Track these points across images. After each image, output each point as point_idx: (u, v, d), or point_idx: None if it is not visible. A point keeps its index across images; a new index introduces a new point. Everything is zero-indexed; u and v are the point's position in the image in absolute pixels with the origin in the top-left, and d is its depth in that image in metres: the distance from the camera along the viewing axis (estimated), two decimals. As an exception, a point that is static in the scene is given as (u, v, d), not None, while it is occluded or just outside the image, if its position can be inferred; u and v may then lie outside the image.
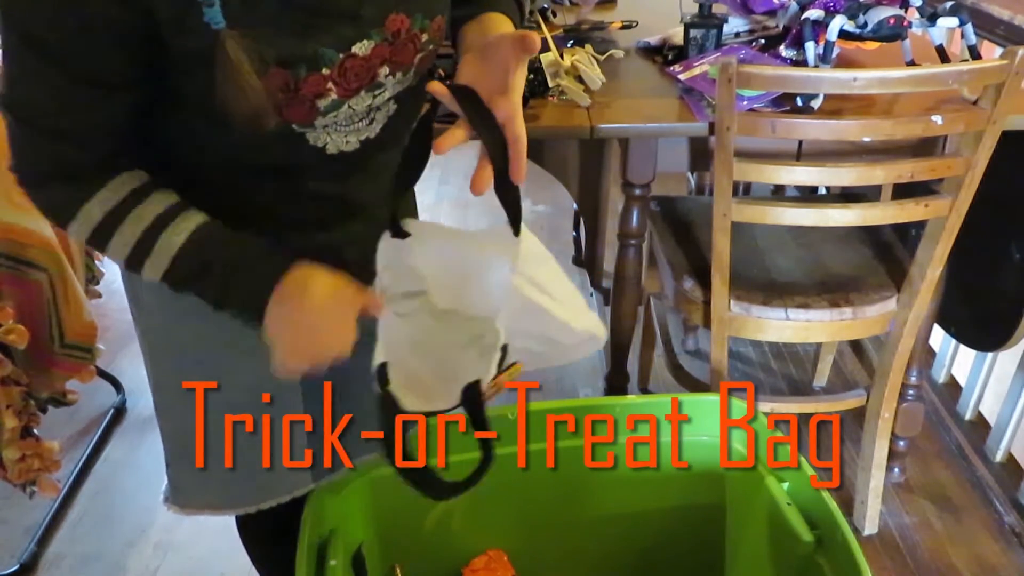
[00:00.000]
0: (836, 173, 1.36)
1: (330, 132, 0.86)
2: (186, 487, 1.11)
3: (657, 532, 1.41)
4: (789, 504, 1.18)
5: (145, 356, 1.08)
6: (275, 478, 1.08)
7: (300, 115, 0.81)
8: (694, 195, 2.59)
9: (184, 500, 1.11)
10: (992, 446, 1.96)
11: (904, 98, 1.54)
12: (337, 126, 0.86)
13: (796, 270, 1.64)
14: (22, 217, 1.40)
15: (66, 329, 1.52)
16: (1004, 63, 1.26)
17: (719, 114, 1.32)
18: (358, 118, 0.87)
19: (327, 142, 0.86)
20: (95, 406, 2.09)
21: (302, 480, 1.10)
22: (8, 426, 1.40)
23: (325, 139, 0.86)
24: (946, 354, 2.19)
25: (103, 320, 1.73)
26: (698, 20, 1.63)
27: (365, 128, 0.89)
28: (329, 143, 0.87)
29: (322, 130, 0.85)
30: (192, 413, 1.03)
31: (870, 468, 1.72)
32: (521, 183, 0.81)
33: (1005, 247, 1.71)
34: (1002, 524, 1.81)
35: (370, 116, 0.89)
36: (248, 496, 1.09)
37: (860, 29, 1.49)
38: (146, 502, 1.86)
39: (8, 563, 1.68)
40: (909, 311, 1.54)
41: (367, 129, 0.89)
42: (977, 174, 1.38)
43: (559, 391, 2.20)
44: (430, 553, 1.35)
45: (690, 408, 1.33)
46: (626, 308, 1.74)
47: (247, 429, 1.04)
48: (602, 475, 1.35)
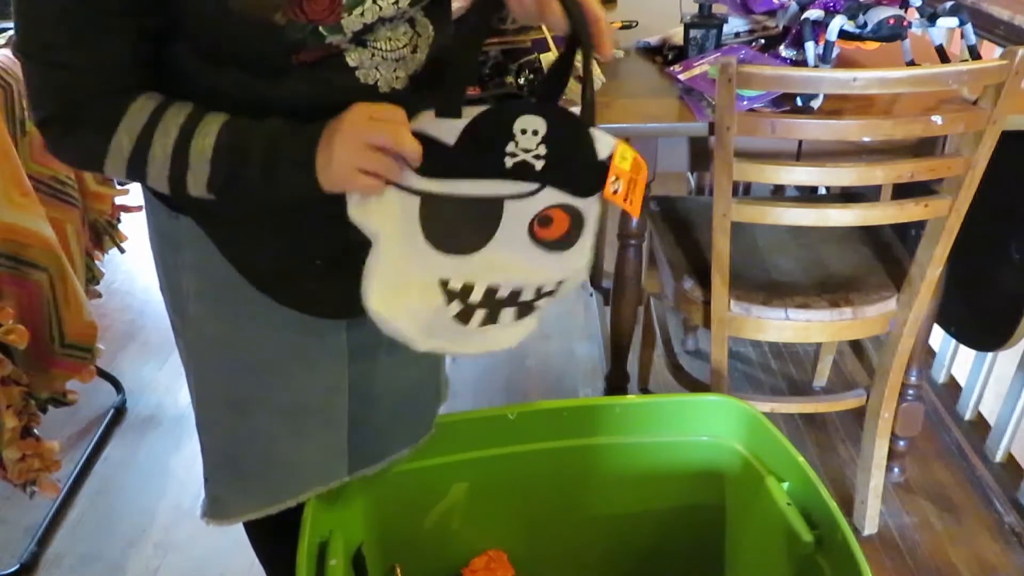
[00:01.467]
0: (836, 173, 1.36)
1: (378, 64, 0.85)
2: (227, 496, 1.10)
3: (657, 532, 1.41)
4: (789, 504, 1.18)
5: (189, 370, 1.06)
6: (313, 470, 1.10)
7: (322, 9, 0.78)
8: (694, 195, 2.59)
9: (225, 511, 1.10)
10: (992, 446, 1.96)
11: (904, 98, 1.54)
12: (382, 53, 0.85)
13: (796, 270, 1.64)
14: (22, 217, 1.40)
15: (66, 329, 1.53)
16: (1004, 63, 1.26)
17: (719, 114, 1.32)
18: (400, 44, 0.86)
19: (377, 78, 0.85)
20: (95, 406, 2.09)
21: (338, 471, 1.11)
22: (8, 426, 1.40)
23: (375, 75, 0.85)
24: (946, 354, 2.19)
25: (103, 320, 1.73)
26: (698, 20, 1.63)
27: (411, 58, 0.88)
28: (380, 79, 0.86)
29: (369, 60, 0.84)
30: (243, 422, 1.04)
31: (870, 468, 1.72)
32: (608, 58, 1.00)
33: (1005, 247, 1.71)
34: (1002, 524, 1.81)
35: (412, 43, 0.88)
36: (288, 489, 1.09)
37: (860, 29, 1.49)
38: (146, 502, 1.86)
39: (8, 563, 1.68)
40: (909, 311, 1.54)
41: (413, 60, 0.88)
42: (977, 174, 1.38)
43: (559, 391, 2.20)
44: (430, 553, 1.36)
45: (690, 408, 1.33)
46: (626, 308, 1.74)
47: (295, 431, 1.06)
48: (602, 475, 1.35)
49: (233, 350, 1.01)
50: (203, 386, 1.06)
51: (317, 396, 1.05)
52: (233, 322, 0.98)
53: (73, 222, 1.62)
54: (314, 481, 1.10)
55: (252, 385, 1.02)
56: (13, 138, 1.42)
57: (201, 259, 0.95)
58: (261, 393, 1.03)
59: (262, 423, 1.04)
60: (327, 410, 1.07)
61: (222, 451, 1.08)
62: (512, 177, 0.84)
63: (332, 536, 1.11)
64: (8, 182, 1.37)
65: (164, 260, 1.00)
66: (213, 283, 0.96)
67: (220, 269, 0.95)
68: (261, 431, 1.05)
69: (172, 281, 1.00)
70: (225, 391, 1.04)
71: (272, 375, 1.02)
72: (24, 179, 1.41)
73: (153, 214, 0.99)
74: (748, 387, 2.21)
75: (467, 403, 2.13)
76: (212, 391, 1.05)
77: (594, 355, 2.35)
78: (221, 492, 1.10)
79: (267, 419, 1.04)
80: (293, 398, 1.04)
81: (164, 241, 0.99)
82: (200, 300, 0.98)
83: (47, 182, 1.55)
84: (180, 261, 0.97)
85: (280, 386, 1.02)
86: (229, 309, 0.97)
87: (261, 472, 1.08)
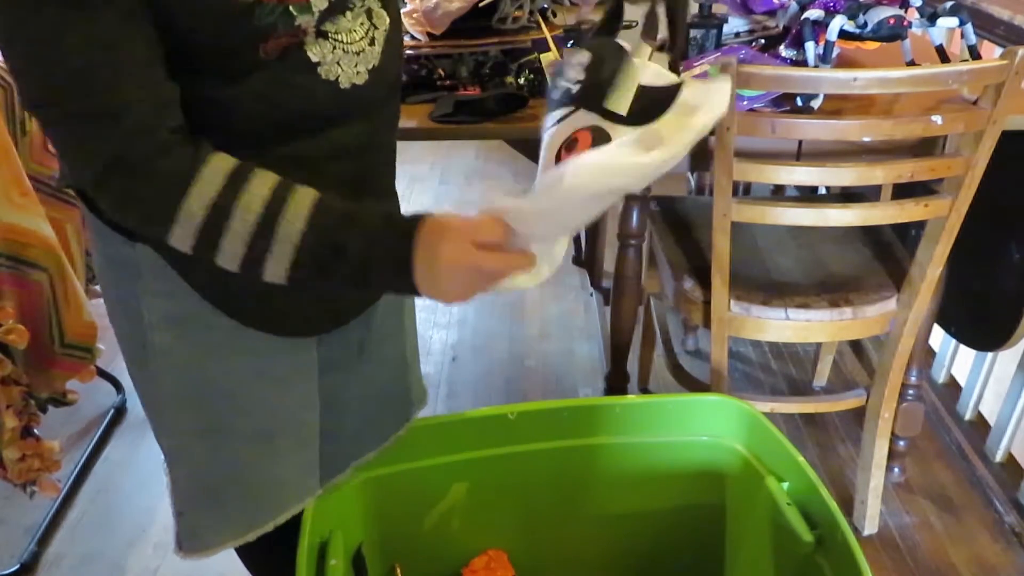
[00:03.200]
0: (836, 173, 1.36)
1: (339, 59, 0.83)
2: (205, 528, 1.07)
3: (657, 532, 1.41)
4: (789, 504, 1.18)
5: (155, 403, 1.02)
6: (290, 490, 1.08)
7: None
8: (694, 195, 2.59)
9: (204, 542, 1.06)
10: (992, 446, 1.96)
11: (904, 98, 1.54)
12: (343, 45, 0.84)
13: (796, 270, 1.64)
14: (22, 217, 1.40)
15: (66, 329, 1.52)
16: (1004, 63, 1.26)
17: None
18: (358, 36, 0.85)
19: (339, 73, 0.84)
20: (95, 406, 2.09)
21: (312, 487, 1.10)
22: (8, 426, 1.40)
23: (337, 70, 0.83)
24: (946, 354, 2.19)
25: (103, 320, 1.72)
26: (698, 20, 1.63)
27: (369, 51, 0.87)
28: (341, 75, 0.84)
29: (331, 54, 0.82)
30: (217, 450, 1.01)
31: (870, 468, 1.72)
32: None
33: (1005, 247, 1.71)
34: (1002, 524, 1.81)
35: (370, 35, 0.87)
36: (265, 514, 1.06)
37: (860, 29, 1.49)
38: (146, 502, 1.86)
39: (8, 563, 1.68)
40: (909, 311, 1.54)
41: (371, 53, 0.87)
42: (977, 174, 1.38)
43: (559, 391, 2.20)
44: (430, 553, 1.35)
45: (690, 408, 1.33)
46: (626, 308, 1.74)
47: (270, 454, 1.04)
48: (602, 475, 1.35)
49: (202, 377, 0.97)
50: (172, 418, 1.01)
51: (289, 416, 1.03)
52: (202, 347, 0.95)
53: (73, 222, 1.62)
54: (291, 501, 1.07)
55: (224, 411, 0.99)
56: (13, 138, 1.42)
57: (164, 287, 0.91)
58: (233, 419, 1.00)
59: (236, 449, 1.01)
60: (299, 429, 1.05)
61: (197, 482, 1.04)
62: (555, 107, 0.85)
63: (332, 536, 1.11)
64: (8, 182, 1.37)
65: (119, 288, 0.95)
66: (178, 309, 0.92)
67: (184, 296, 0.91)
68: (235, 457, 1.02)
69: (130, 310, 0.94)
70: (196, 420, 0.99)
71: (243, 399, 0.99)
72: (24, 179, 1.41)
73: (102, 240, 0.93)
74: (748, 387, 2.21)
75: (467, 403, 2.13)
76: (182, 421, 1.00)
77: (594, 355, 2.35)
78: (198, 524, 1.06)
79: (240, 444, 1.01)
80: (265, 421, 1.01)
81: (119, 268, 0.93)
82: (166, 328, 0.93)
83: (47, 182, 1.55)
84: (140, 288, 0.92)
85: (252, 409, 1.00)
86: (197, 335, 0.94)
87: (238, 499, 1.05)
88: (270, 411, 1.01)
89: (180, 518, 1.07)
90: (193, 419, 1.00)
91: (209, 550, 1.06)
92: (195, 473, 1.04)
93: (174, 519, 1.08)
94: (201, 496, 1.06)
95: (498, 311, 2.56)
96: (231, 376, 0.98)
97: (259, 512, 1.06)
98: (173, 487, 1.06)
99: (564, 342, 2.41)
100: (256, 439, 1.02)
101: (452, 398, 2.15)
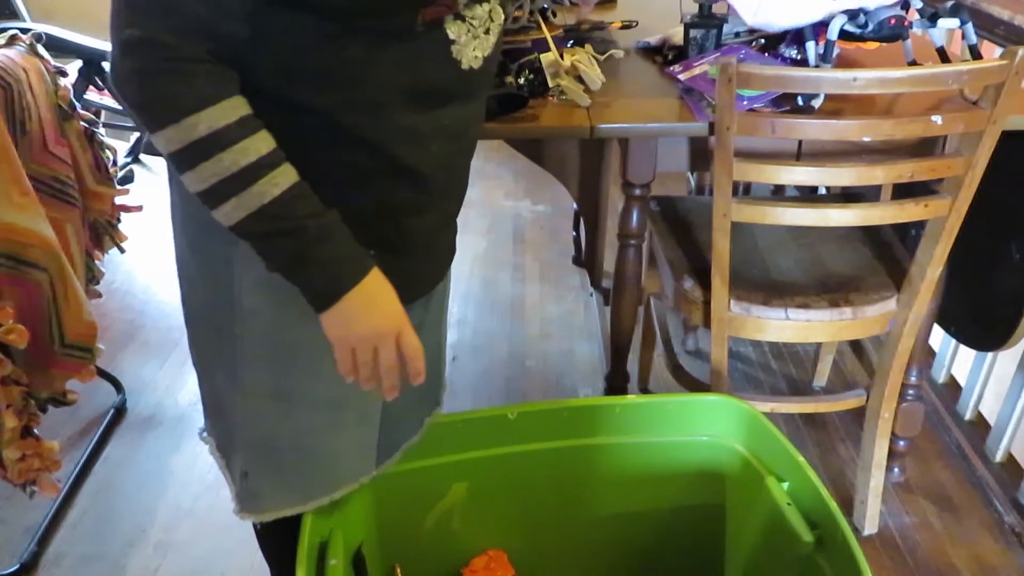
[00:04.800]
0: (836, 173, 1.36)
1: (468, 41, 0.90)
2: (266, 492, 1.10)
3: (657, 532, 1.41)
4: (789, 504, 1.18)
5: (235, 363, 1.03)
6: (347, 466, 1.11)
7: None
8: (694, 195, 2.59)
9: (260, 506, 1.10)
10: (992, 446, 1.96)
11: (904, 98, 1.54)
12: (474, 30, 0.91)
13: (796, 270, 1.64)
14: (22, 217, 1.40)
15: (66, 329, 1.52)
16: (1004, 63, 1.26)
17: (719, 114, 1.32)
18: (483, 23, 0.92)
19: (463, 54, 0.90)
20: (95, 406, 2.09)
21: (367, 467, 1.13)
22: (8, 426, 1.40)
23: (463, 51, 0.90)
24: (946, 354, 2.19)
25: (103, 320, 1.73)
26: (698, 20, 1.63)
27: (485, 40, 0.93)
28: (464, 57, 0.90)
29: (464, 35, 0.89)
30: (287, 415, 1.04)
31: (870, 468, 1.72)
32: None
33: (1005, 247, 1.71)
34: (1002, 524, 1.81)
35: (486, 25, 0.93)
36: (323, 486, 1.10)
37: (861, 29, 1.49)
38: (146, 502, 1.86)
39: (8, 563, 1.68)
40: (909, 311, 1.54)
41: (487, 41, 0.93)
42: (977, 174, 1.38)
43: (559, 391, 2.20)
44: (430, 553, 1.36)
45: (690, 408, 1.33)
46: (626, 308, 1.74)
47: (334, 425, 1.07)
48: (602, 475, 1.35)
49: (285, 341, 1.00)
50: (254, 380, 1.04)
51: (357, 389, 1.04)
52: (289, 311, 0.97)
53: (73, 222, 1.62)
54: (347, 477, 1.11)
55: (299, 376, 1.02)
56: (13, 138, 1.42)
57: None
58: (306, 385, 1.03)
59: (304, 416, 1.05)
60: (365, 404, 1.08)
61: (265, 445, 1.07)
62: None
63: (332, 536, 1.11)
64: (8, 182, 1.37)
65: (211, 251, 0.99)
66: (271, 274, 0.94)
67: None
68: (302, 424, 1.05)
69: (220, 273, 0.98)
70: (274, 383, 1.03)
71: (320, 365, 1.01)
72: (24, 179, 1.41)
73: (191, 203, 0.95)
74: (748, 387, 2.21)
75: (467, 403, 2.13)
76: (260, 384, 1.03)
77: (594, 355, 2.35)
78: (260, 486, 1.10)
79: (309, 412, 1.05)
80: (336, 391, 1.03)
81: (211, 232, 0.94)
82: (257, 291, 0.97)
83: (47, 182, 1.55)
84: (233, 253, 0.95)
85: (326, 377, 1.01)
86: (286, 299, 0.95)
87: (299, 467, 1.08)
88: (338, 381, 1.02)
89: (244, 479, 1.10)
90: (270, 382, 1.03)
91: (266, 513, 1.10)
92: (264, 435, 1.07)
93: (238, 479, 1.11)
94: (266, 459, 1.08)
95: (498, 311, 2.56)
96: (313, 341, 0.99)
97: (316, 483, 1.09)
98: (243, 448, 1.09)
99: (564, 342, 2.41)
100: (325, 407, 1.05)
101: (452, 398, 2.15)
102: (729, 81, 1.27)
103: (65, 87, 1.62)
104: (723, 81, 1.28)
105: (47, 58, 1.61)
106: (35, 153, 1.52)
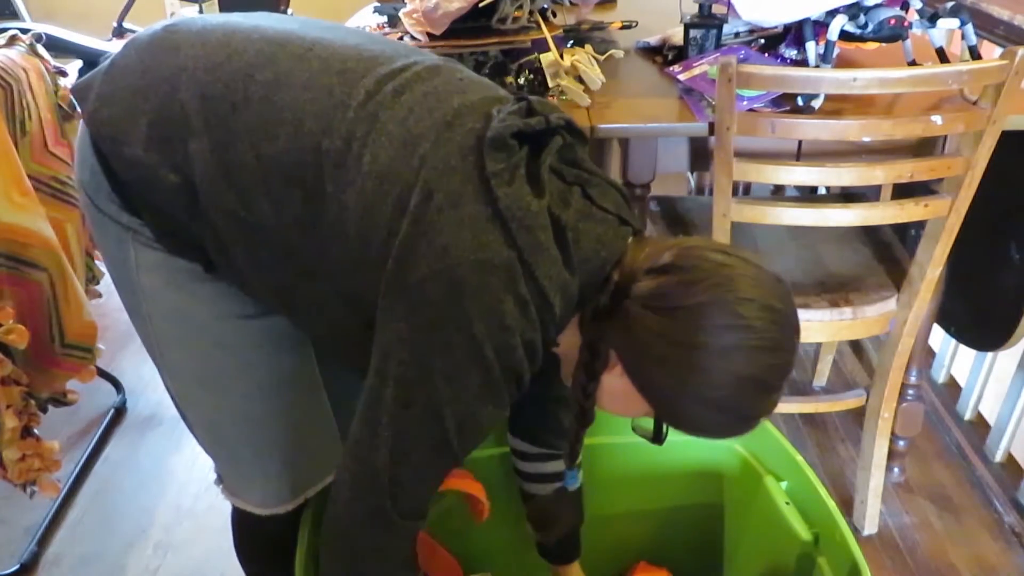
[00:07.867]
0: (836, 173, 1.36)
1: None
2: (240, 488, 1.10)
3: (657, 532, 1.41)
4: (788, 503, 1.18)
5: (153, 348, 1.03)
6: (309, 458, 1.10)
7: None
8: (694, 195, 2.59)
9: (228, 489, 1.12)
10: (992, 446, 1.96)
11: (904, 98, 1.54)
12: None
13: (796, 270, 1.64)
14: (22, 217, 1.40)
15: (66, 329, 1.52)
16: (1004, 63, 1.26)
17: (719, 114, 1.32)
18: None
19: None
20: (95, 406, 2.09)
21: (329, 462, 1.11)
22: (8, 426, 1.40)
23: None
24: (946, 354, 2.19)
25: (103, 320, 1.73)
26: (698, 20, 1.63)
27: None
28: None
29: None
30: (225, 402, 1.03)
31: (870, 468, 1.72)
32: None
33: (1005, 247, 1.71)
34: (1002, 524, 1.81)
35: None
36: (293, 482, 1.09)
37: (861, 29, 1.49)
38: (146, 502, 1.86)
39: (8, 563, 1.68)
40: (909, 311, 1.54)
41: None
42: (977, 174, 1.38)
43: (559, 391, 2.20)
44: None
45: (690, 408, 1.33)
46: (626, 308, 1.74)
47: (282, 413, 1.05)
48: (602, 475, 1.35)
49: (196, 324, 0.99)
50: (173, 361, 1.02)
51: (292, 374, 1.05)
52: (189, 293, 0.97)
53: (73, 222, 1.62)
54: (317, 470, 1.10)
55: (220, 360, 1.01)
56: (13, 138, 1.42)
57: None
58: (231, 369, 1.01)
59: (238, 403, 1.03)
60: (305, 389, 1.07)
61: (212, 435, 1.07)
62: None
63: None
64: (8, 182, 1.37)
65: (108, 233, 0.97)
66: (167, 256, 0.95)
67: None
68: (240, 412, 1.04)
69: (117, 255, 0.98)
70: (198, 367, 1.01)
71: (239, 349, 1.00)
72: (24, 179, 1.41)
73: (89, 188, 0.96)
74: (748, 387, 2.21)
75: (467, 403, 2.13)
76: (183, 367, 1.02)
77: (594, 355, 2.35)
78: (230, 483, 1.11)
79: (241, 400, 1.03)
80: (265, 375, 1.02)
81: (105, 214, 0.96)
82: (150, 270, 0.96)
83: (47, 182, 1.55)
84: (126, 236, 0.95)
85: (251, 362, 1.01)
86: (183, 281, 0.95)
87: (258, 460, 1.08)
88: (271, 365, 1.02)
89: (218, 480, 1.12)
90: (193, 363, 1.02)
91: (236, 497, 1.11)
92: (209, 422, 1.07)
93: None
94: (221, 450, 1.08)
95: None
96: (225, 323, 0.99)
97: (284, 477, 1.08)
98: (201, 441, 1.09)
99: (564, 342, 2.40)
100: (260, 394, 1.03)
101: (452, 398, 2.15)
102: (729, 81, 1.27)
103: (65, 87, 1.62)
104: (723, 81, 1.28)
105: (47, 58, 1.61)
106: (35, 153, 1.52)
